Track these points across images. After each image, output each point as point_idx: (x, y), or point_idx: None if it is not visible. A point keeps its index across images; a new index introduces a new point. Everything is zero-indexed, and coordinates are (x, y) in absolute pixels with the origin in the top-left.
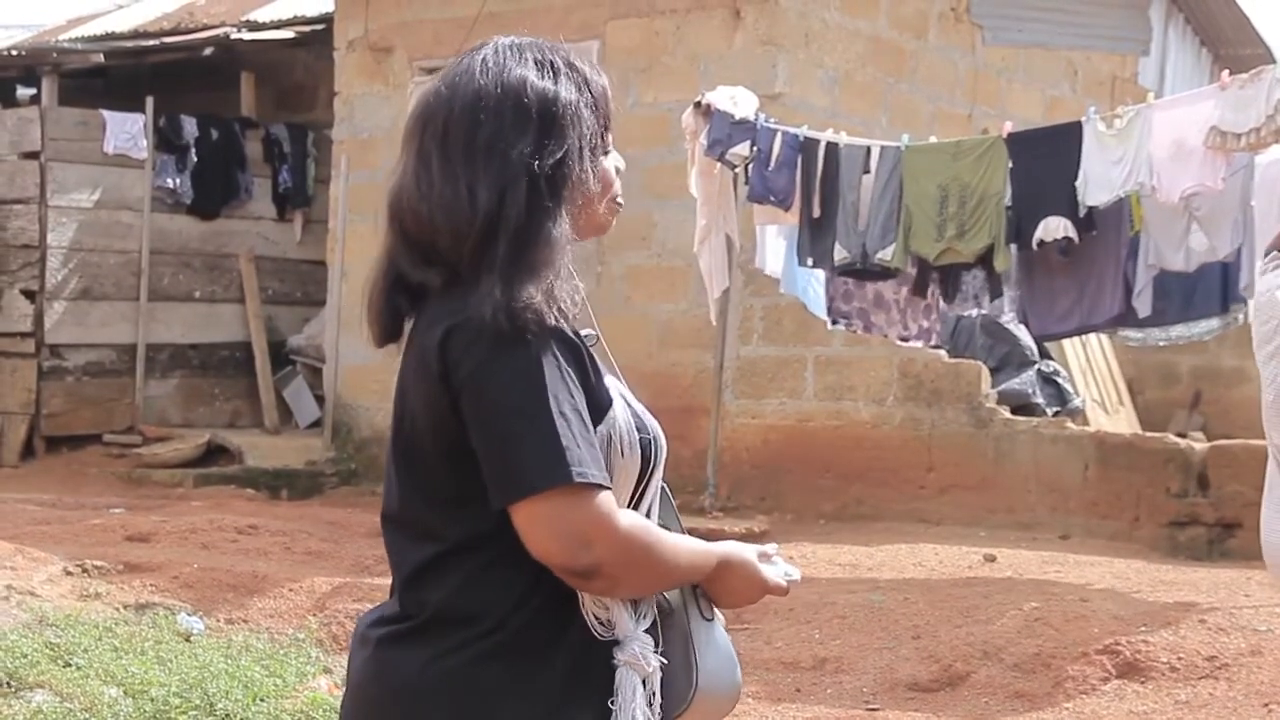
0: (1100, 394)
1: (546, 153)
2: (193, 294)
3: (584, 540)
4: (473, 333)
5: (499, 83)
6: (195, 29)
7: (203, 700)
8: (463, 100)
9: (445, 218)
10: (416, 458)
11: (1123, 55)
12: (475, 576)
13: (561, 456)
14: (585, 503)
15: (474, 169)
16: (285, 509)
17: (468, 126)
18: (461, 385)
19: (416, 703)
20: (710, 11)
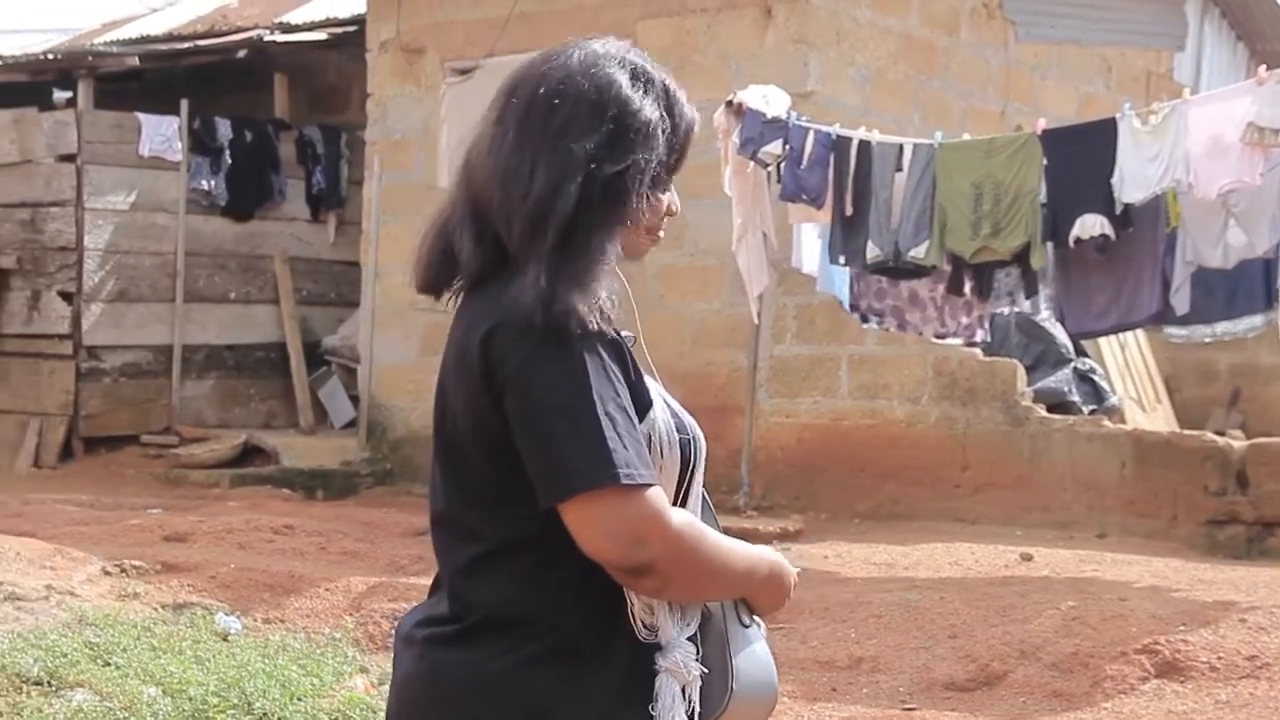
0: (1137, 392)
1: (609, 160)
2: (228, 295)
3: (637, 537)
4: (516, 332)
5: (588, 77)
6: (229, 31)
7: (240, 699)
8: (550, 81)
9: (502, 187)
10: (457, 457)
11: (1158, 51)
12: (523, 578)
13: (609, 456)
14: (636, 500)
15: (540, 151)
16: (321, 509)
17: (546, 108)
18: (505, 384)
19: (468, 705)
20: (741, 10)
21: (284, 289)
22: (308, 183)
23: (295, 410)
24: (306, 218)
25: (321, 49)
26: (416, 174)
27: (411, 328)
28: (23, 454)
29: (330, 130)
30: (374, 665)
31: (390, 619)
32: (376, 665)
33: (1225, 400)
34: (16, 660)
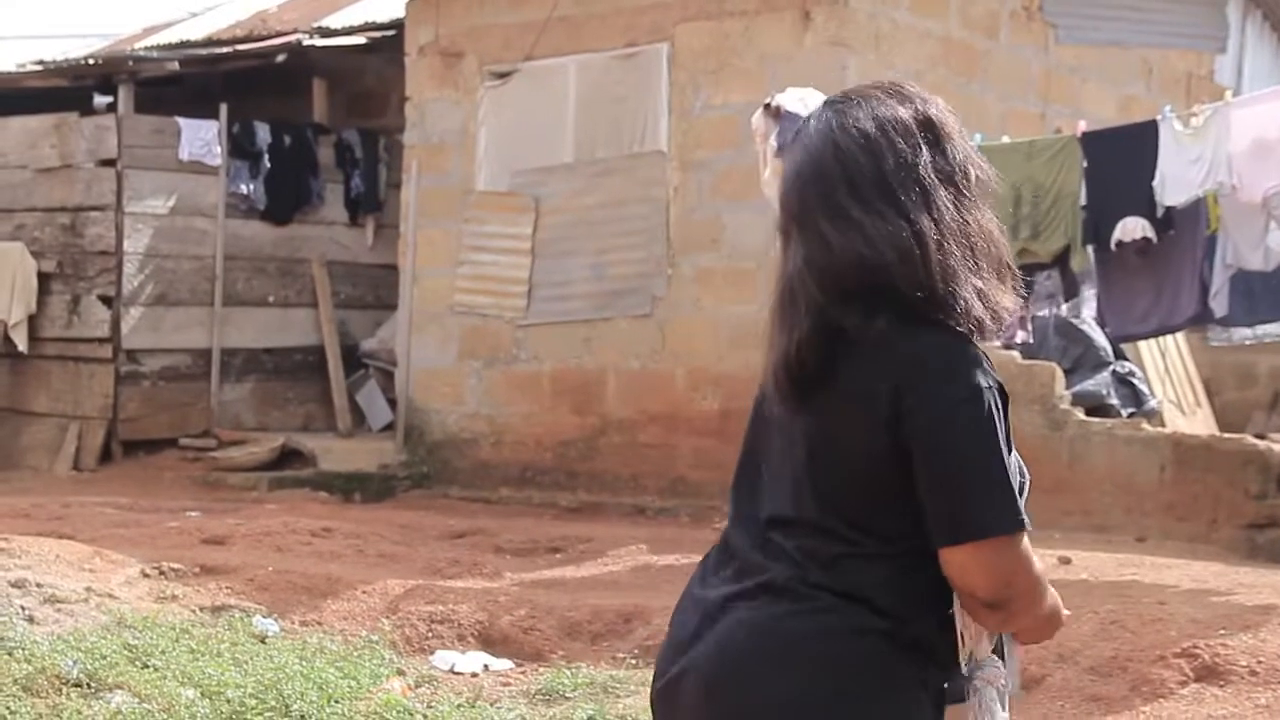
0: (1177, 395)
1: (945, 161)
2: (266, 299)
3: (1008, 579)
4: (929, 384)
5: (871, 118)
6: (268, 36)
7: (278, 701)
8: (850, 148)
9: (893, 251)
10: (830, 479)
11: (1199, 53)
12: (884, 579)
13: (1010, 504)
14: (1017, 546)
15: (892, 199)
16: (358, 512)
17: (869, 166)
18: (915, 431)
19: (816, 663)
20: (780, 13)
21: (322, 292)
22: (346, 186)
23: (333, 413)
24: (345, 221)
25: (360, 53)
26: (454, 177)
27: (449, 331)
28: (62, 457)
29: (368, 134)
30: (411, 668)
31: (427, 621)
32: (413, 668)
33: (1266, 403)
34: (56, 662)
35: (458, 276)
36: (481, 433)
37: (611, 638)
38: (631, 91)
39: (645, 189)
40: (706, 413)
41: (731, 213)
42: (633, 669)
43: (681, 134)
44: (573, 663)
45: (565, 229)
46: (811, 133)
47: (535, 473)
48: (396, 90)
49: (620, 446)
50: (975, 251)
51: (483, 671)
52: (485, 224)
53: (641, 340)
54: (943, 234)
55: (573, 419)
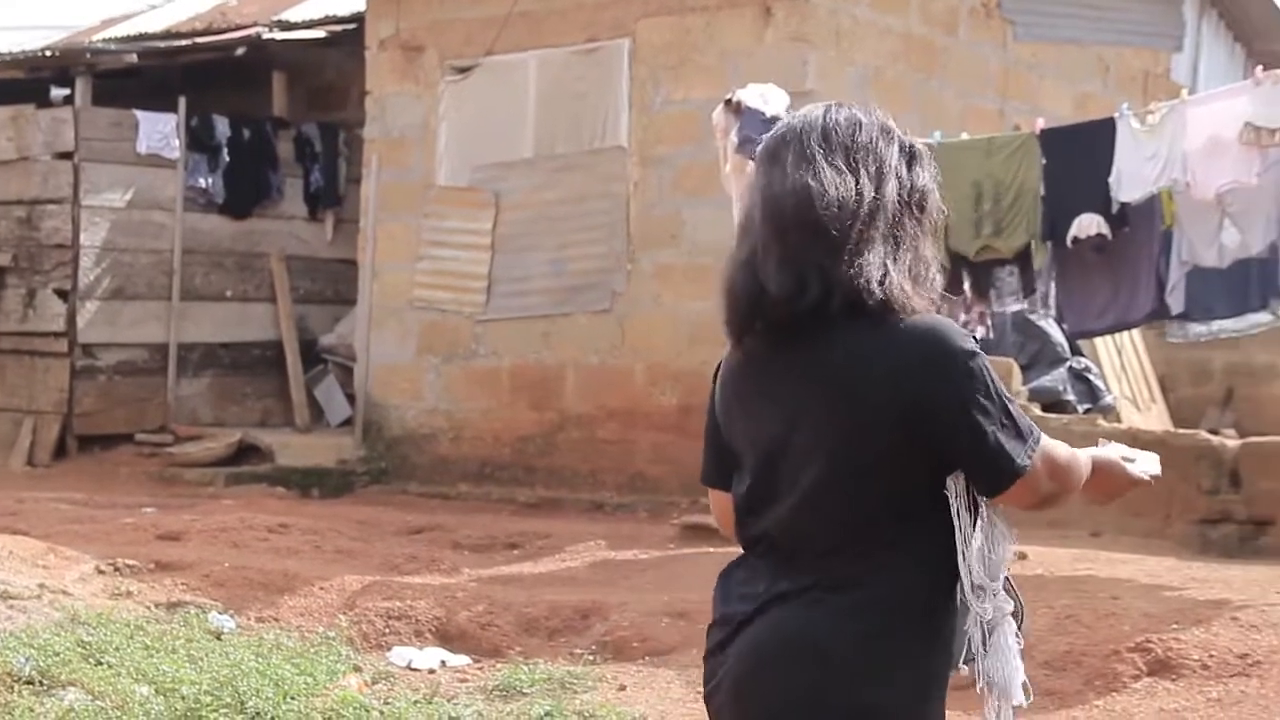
0: (1132, 391)
1: (912, 173)
2: (224, 293)
3: (1049, 479)
4: (937, 361)
5: (867, 113)
6: (227, 29)
7: (233, 698)
8: (838, 116)
9: (838, 201)
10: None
11: (1155, 51)
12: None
13: (1030, 433)
14: (1044, 457)
15: (856, 164)
16: (316, 508)
17: (847, 131)
18: (936, 404)
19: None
20: (740, 9)
21: (281, 287)
22: (305, 181)
23: (291, 409)
24: (304, 216)
25: (320, 47)
26: (414, 172)
27: (408, 326)
28: (16, 452)
29: (328, 128)
30: (368, 664)
31: (385, 618)
32: (370, 664)
33: (1219, 400)
34: (8, 659)
35: (417, 272)
36: (440, 428)
37: (569, 634)
38: (592, 87)
39: (605, 184)
40: (665, 408)
41: (692, 208)
42: (590, 665)
43: (642, 129)
44: (530, 659)
45: (525, 224)
46: (815, 108)
47: (494, 468)
48: (357, 84)
49: (579, 442)
50: (900, 248)
51: (440, 668)
52: (445, 219)
53: (601, 336)
54: (878, 211)
55: (531, 415)
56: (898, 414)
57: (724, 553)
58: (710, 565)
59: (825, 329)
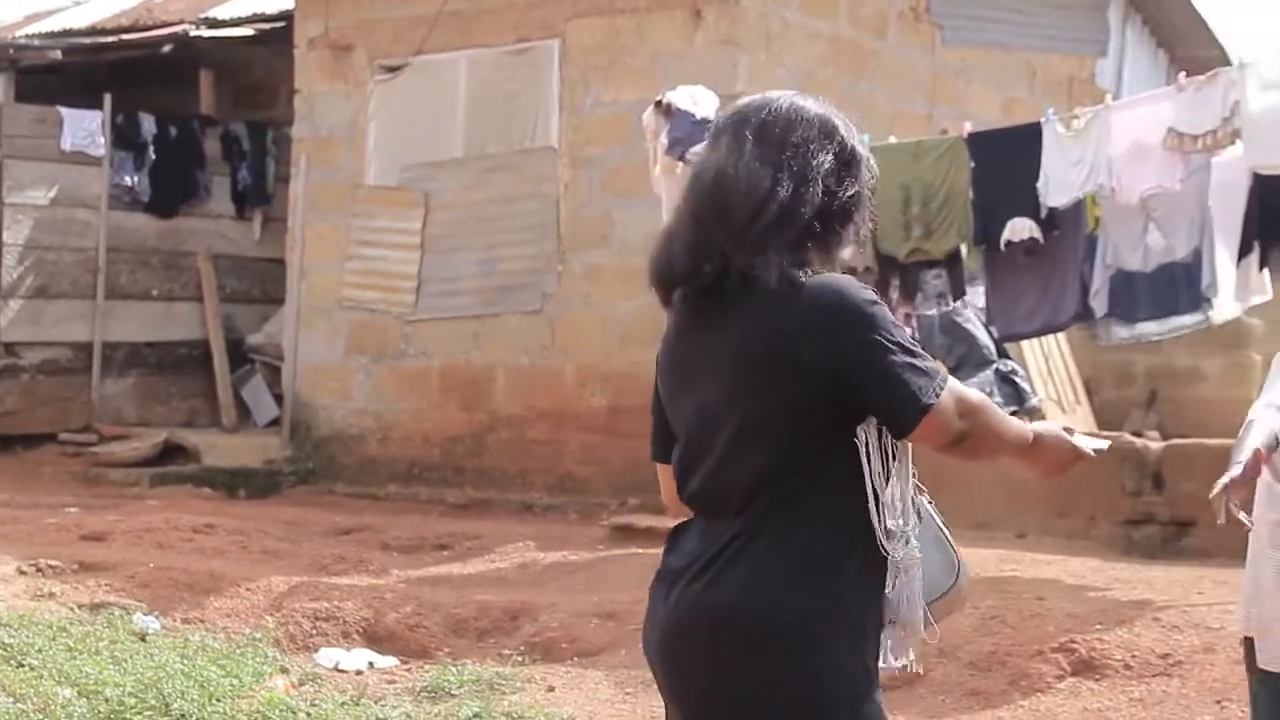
0: (1057, 393)
1: (843, 180)
2: (150, 292)
3: (961, 416)
4: (848, 318)
5: (814, 108)
6: (153, 26)
7: (158, 700)
8: (781, 108)
9: (745, 194)
10: (757, 429)
11: (1080, 56)
12: (805, 513)
13: (936, 373)
14: (953, 394)
15: (781, 162)
16: (242, 508)
17: (784, 126)
18: (850, 354)
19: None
20: (671, 11)
21: (207, 286)
22: (233, 179)
23: (218, 408)
24: (231, 215)
25: (248, 45)
26: (344, 171)
27: (337, 326)
28: None
29: (256, 127)
30: (295, 666)
31: (312, 619)
32: (297, 665)
33: (1143, 402)
34: None
35: (346, 271)
36: (369, 429)
37: (498, 634)
38: (522, 87)
39: (536, 185)
40: (595, 409)
41: (622, 209)
42: (519, 666)
43: (572, 130)
44: (459, 660)
45: (455, 224)
46: (778, 92)
47: (423, 469)
48: (285, 83)
49: (509, 443)
50: (807, 251)
51: (367, 669)
52: (374, 219)
53: (531, 337)
54: (791, 212)
55: (461, 415)
56: (808, 368)
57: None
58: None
59: (737, 295)
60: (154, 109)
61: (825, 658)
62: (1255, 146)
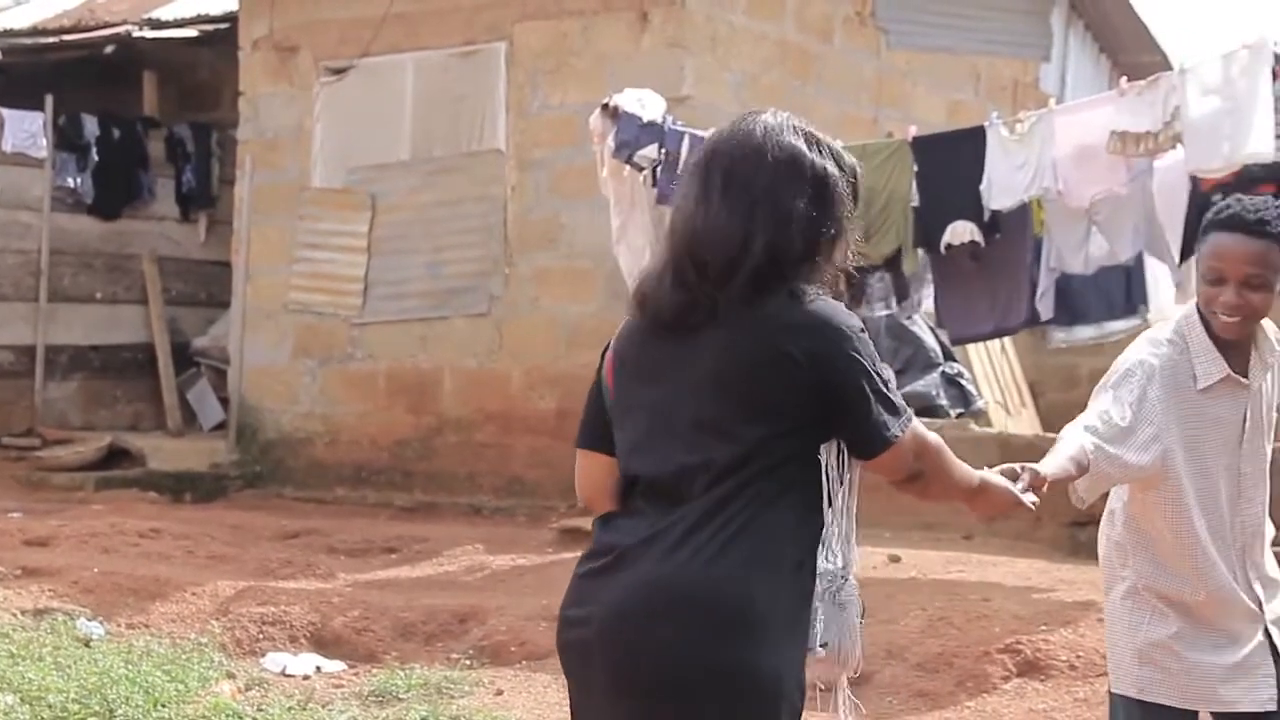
0: (1003, 396)
1: (817, 220)
2: (94, 295)
3: (917, 455)
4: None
5: (777, 145)
6: (96, 27)
7: (102, 707)
8: (750, 146)
9: (720, 246)
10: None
11: (1024, 60)
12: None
13: (904, 411)
14: (914, 434)
15: (752, 213)
16: (188, 512)
17: (752, 169)
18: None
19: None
20: (617, 14)
21: (152, 289)
22: (177, 181)
23: (163, 412)
24: (176, 217)
25: (192, 46)
26: (289, 174)
27: (283, 329)
28: None
29: (201, 128)
30: (241, 670)
31: (258, 623)
32: (244, 670)
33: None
34: None
35: (292, 274)
36: (316, 432)
37: (446, 638)
38: (469, 90)
39: (483, 187)
40: (543, 412)
41: (569, 212)
42: (467, 669)
43: (519, 133)
44: (406, 664)
45: (402, 227)
46: (743, 125)
47: (370, 472)
48: (230, 84)
49: (456, 446)
50: (798, 279)
51: (315, 673)
52: (320, 221)
53: (478, 339)
54: (767, 260)
55: (409, 418)
56: (796, 371)
57: None
58: None
59: (729, 311)
60: (97, 110)
61: (789, 654)
62: (1195, 150)
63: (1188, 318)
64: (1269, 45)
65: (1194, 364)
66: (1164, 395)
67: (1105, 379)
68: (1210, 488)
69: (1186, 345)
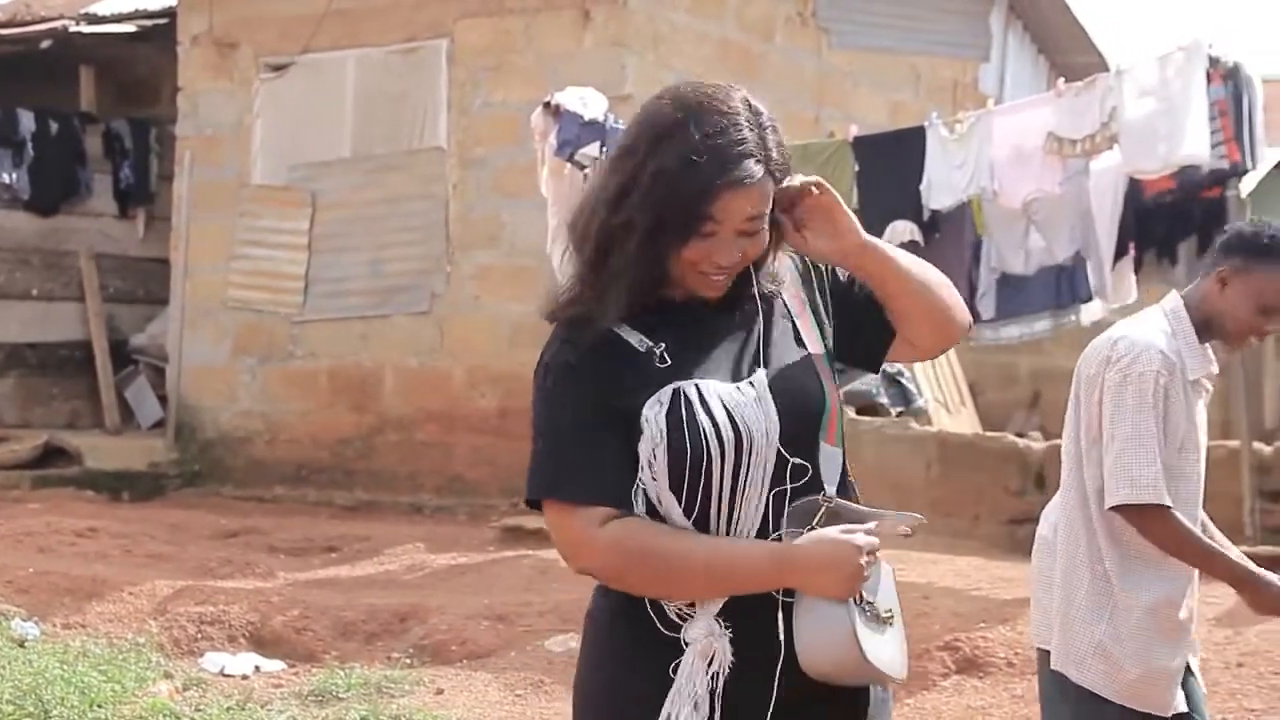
0: (943, 394)
1: (613, 210)
2: (30, 292)
3: (570, 550)
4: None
5: (638, 118)
6: (32, 21)
7: (37, 708)
8: (634, 118)
9: (573, 214)
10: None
11: (964, 61)
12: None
13: (540, 473)
14: (564, 518)
15: (590, 188)
16: (126, 511)
17: (623, 136)
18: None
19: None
20: (559, 12)
21: (89, 286)
22: (115, 177)
23: (100, 410)
24: (114, 213)
25: (130, 41)
26: (229, 170)
27: (223, 327)
28: None
29: (139, 125)
30: (179, 670)
31: (197, 623)
32: (182, 670)
33: (1026, 403)
34: None
35: (232, 271)
36: (256, 430)
37: (387, 637)
38: (411, 87)
39: (424, 185)
40: (485, 411)
41: (511, 210)
42: (407, 669)
43: (461, 131)
44: (346, 663)
45: (343, 224)
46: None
47: (311, 471)
48: (168, 80)
49: (398, 445)
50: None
51: (254, 673)
52: (260, 218)
53: (420, 338)
54: (606, 234)
55: (350, 417)
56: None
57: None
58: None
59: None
60: (33, 105)
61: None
62: (1131, 151)
63: (1176, 311)
64: (1204, 48)
65: (1184, 358)
66: (1179, 393)
67: (1128, 386)
68: (1193, 491)
69: (1176, 338)
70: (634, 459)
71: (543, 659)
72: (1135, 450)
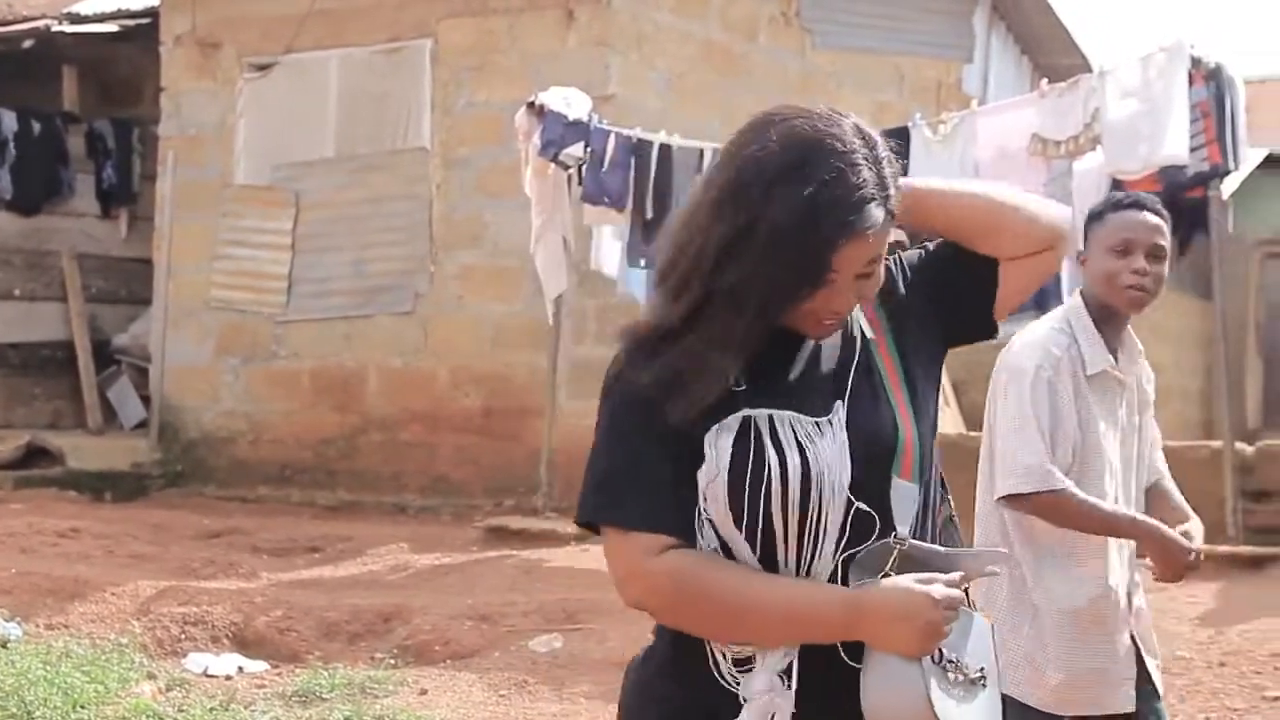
0: None
1: (729, 266)
2: (12, 292)
3: (621, 579)
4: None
5: (745, 157)
6: (14, 21)
7: (20, 709)
8: (728, 153)
9: (677, 250)
10: None
11: (947, 62)
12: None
13: (595, 494)
14: (618, 544)
15: (691, 229)
16: (109, 511)
17: (705, 184)
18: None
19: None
20: (543, 12)
21: (72, 286)
22: (98, 177)
23: (83, 411)
24: (96, 213)
25: (113, 41)
26: (212, 170)
27: (206, 327)
28: None
29: (122, 124)
30: (162, 671)
31: (180, 623)
32: (165, 671)
33: None
34: None
35: (215, 271)
36: (239, 430)
37: (370, 638)
38: (394, 87)
39: (408, 185)
40: (468, 411)
41: (494, 210)
42: (391, 669)
43: (445, 131)
44: (330, 663)
45: (326, 224)
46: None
47: (294, 471)
48: (151, 80)
49: (381, 445)
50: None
51: (237, 674)
52: (244, 218)
53: (403, 338)
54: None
55: (333, 417)
56: None
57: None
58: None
59: None
60: (16, 105)
61: None
62: (1113, 152)
63: (1074, 307)
64: (1185, 49)
65: (1082, 352)
66: (1068, 386)
67: (1012, 382)
68: (1100, 486)
69: (1074, 334)
70: (695, 488)
71: (526, 659)
72: (1017, 438)
